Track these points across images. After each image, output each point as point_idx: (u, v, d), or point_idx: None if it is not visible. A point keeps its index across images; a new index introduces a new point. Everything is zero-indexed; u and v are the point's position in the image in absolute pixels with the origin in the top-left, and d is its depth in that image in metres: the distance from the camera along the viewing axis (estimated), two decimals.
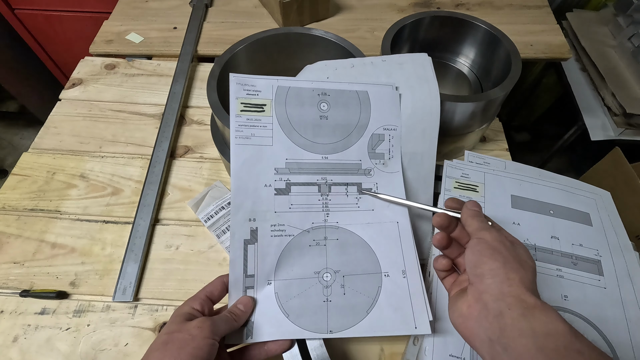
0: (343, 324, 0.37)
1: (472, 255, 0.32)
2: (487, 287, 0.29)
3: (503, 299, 0.28)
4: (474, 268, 0.31)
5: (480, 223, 0.33)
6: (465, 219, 0.35)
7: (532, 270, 0.31)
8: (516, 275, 0.29)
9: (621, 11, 0.98)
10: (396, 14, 0.83)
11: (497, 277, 0.29)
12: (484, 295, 0.29)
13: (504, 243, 0.31)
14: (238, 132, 0.41)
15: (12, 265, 0.49)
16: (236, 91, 0.42)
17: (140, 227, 0.51)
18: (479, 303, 0.29)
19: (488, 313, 0.28)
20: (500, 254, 0.30)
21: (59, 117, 0.64)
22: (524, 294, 0.28)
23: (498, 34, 0.55)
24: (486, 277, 0.30)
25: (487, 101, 0.49)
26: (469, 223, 0.34)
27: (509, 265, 0.30)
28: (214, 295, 0.37)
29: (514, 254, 0.31)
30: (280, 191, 0.41)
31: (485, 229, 0.33)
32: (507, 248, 0.31)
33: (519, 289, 0.28)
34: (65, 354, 0.43)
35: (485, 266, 0.30)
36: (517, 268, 0.29)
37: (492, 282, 0.29)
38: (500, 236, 0.32)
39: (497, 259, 0.30)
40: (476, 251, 0.32)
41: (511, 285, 0.28)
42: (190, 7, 0.82)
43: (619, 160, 0.89)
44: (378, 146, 0.44)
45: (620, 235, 0.46)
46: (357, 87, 0.45)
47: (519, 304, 0.27)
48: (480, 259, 0.31)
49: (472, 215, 0.34)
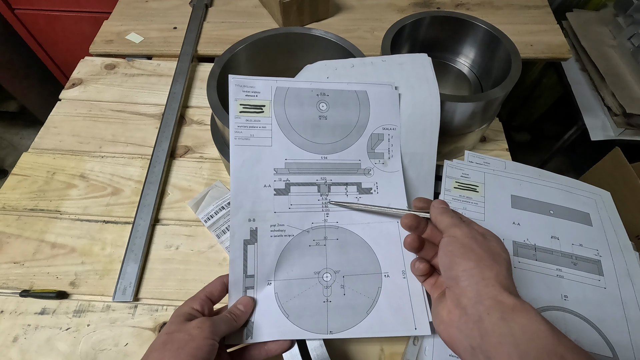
0: (343, 325, 0.37)
1: (445, 257, 0.31)
2: (463, 290, 0.28)
3: (481, 301, 0.27)
4: (449, 270, 0.30)
5: (450, 219, 0.32)
6: (434, 217, 0.34)
7: (507, 263, 0.30)
8: (491, 272, 0.28)
9: (621, 11, 0.98)
10: (396, 14, 0.83)
11: (472, 277, 0.28)
12: (461, 299, 0.28)
13: (475, 238, 0.30)
14: (237, 133, 0.41)
15: (12, 265, 0.49)
16: (235, 92, 0.42)
17: (140, 227, 0.51)
18: (458, 308, 0.28)
19: (468, 319, 0.27)
20: (472, 251, 0.29)
21: (59, 117, 0.64)
22: (501, 293, 0.27)
23: (498, 34, 0.55)
24: (461, 279, 0.29)
25: (487, 101, 0.49)
26: (439, 220, 0.33)
27: (482, 262, 0.29)
28: (213, 295, 0.37)
29: (486, 248, 0.30)
30: (279, 191, 0.41)
31: (455, 225, 0.32)
32: (479, 243, 0.30)
33: (495, 289, 0.27)
34: (65, 354, 0.43)
35: (459, 267, 0.29)
36: (491, 265, 0.28)
37: (468, 285, 0.28)
38: (471, 230, 0.31)
39: (470, 258, 0.29)
40: (448, 252, 0.31)
41: (487, 285, 0.27)
42: (190, 7, 0.82)
43: (619, 160, 0.89)
44: (377, 146, 0.44)
45: (620, 235, 0.46)
46: (356, 87, 0.45)
47: (497, 307, 0.26)
48: (452, 260, 0.30)
49: (440, 212, 0.34)
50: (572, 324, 0.39)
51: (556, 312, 0.40)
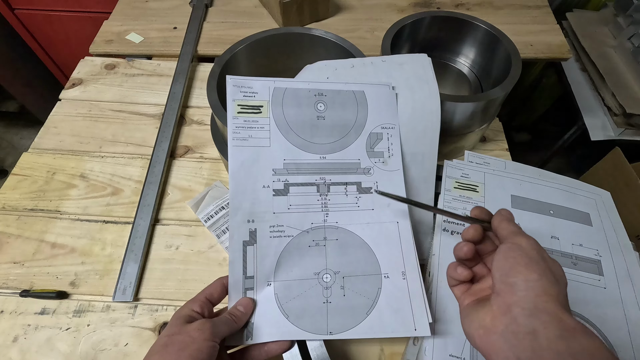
0: (343, 326, 0.37)
1: (505, 262, 0.29)
2: (519, 299, 0.26)
3: (537, 315, 0.25)
4: (505, 276, 0.28)
5: (515, 227, 0.31)
6: (499, 222, 0.32)
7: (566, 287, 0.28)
8: (554, 290, 0.26)
9: (621, 11, 0.98)
10: (396, 14, 0.83)
11: (533, 290, 0.26)
12: (513, 308, 0.26)
13: (541, 253, 0.29)
14: (235, 134, 0.41)
15: (12, 265, 0.49)
16: (233, 93, 0.42)
17: (140, 227, 0.51)
18: (506, 316, 0.26)
19: (518, 329, 0.25)
20: (537, 264, 0.28)
21: (59, 117, 0.64)
22: (563, 313, 0.25)
23: (498, 34, 0.55)
24: (519, 288, 0.27)
25: (487, 101, 0.49)
26: (504, 226, 0.32)
27: (546, 278, 0.27)
28: (213, 297, 0.37)
29: (551, 267, 0.28)
30: (278, 192, 0.41)
31: (521, 234, 0.30)
32: (544, 259, 0.28)
33: (555, 306, 0.25)
34: (65, 354, 0.43)
35: (520, 276, 0.27)
36: (554, 282, 0.27)
37: (526, 295, 0.26)
38: (538, 245, 0.29)
39: (534, 270, 0.27)
40: (510, 257, 0.29)
41: (547, 301, 0.26)
42: (190, 7, 0.82)
43: (619, 160, 0.89)
44: (376, 145, 0.44)
45: (620, 235, 0.46)
46: (354, 87, 0.45)
47: (556, 324, 0.24)
48: (514, 267, 0.28)
49: (505, 219, 0.32)
50: None
51: None
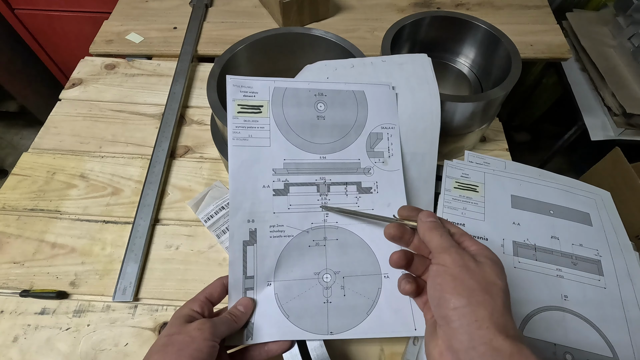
0: (343, 325, 0.37)
1: (434, 291, 0.28)
2: (454, 332, 0.26)
3: (474, 347, 0.25)
4: (438, 308, 0.28)
5: (440, 238, 0.30)
6: (423, 233, 0.31)
7: (503, 293, 0.27)
8: (485, 311, 0.25)
9: (621, 11, 0.98)
10: (396, 14, 0.83)
11: (464, 318, 0.26)
12: (453, 342, 0.26)
13: (466, 266, 0.28)
14: (235, 133, 0.41)
15: (12, 265, 0.49)
16: (233, 93, 0.42)
17: (140, 227, 0.51)
18: (450, 351, 0.26)
19: None
20: (463, 284, 0.27)
21: (59, 117, 0.64)
22: (497, 337, 0.24)
23: (498, 34, 0.55)
24: (452, 320, 0.26)
25: (487, 101, 0.49)
26: (428, 238, 0.31)
27: (475, 298, 0.26)
28: (213, 296, 0.37)
29: (479, 278, 0.27)
30: (278, 192, 0.41)
31: (444, 249, 0.29)
32: (471, 272, 0.27)
33: (489, 332, 0.25)
34: (65, 354, 0.43)
35: (449, 305, 0.27)
36: (484, 301, 0.26)
37: (460, 326, 0.26)
38: (462, 257, 0.28)
39: (461, 293, 0.26)
40: (437, 284, 0.28)
41: (480, 327, 0.25)
42: (190, 7, 0.82)
43: (619, 160, 0.89)
44: (377, 145, 0.44)
45: (620, 235, 0.46)
46: (354, 87, 0.45)
47: (493, 355, 0.24)
48: (442, 296, 0.27)
49: (429, 229, 0.31)
50: (572, 324, 0.39)
51: (556, 312, 0.40)
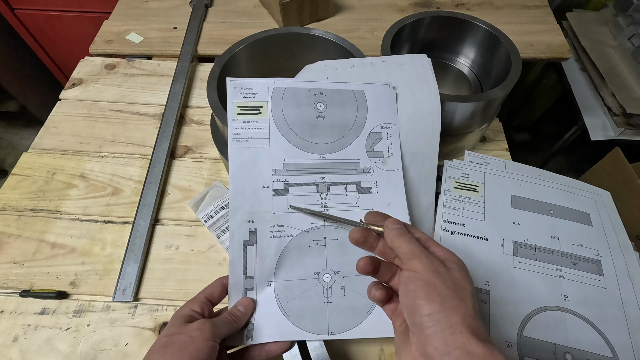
0: (343, 326, 0.37)
1: (407, 298, 0.28)
2: (429, 338, 0.26)
3: (449, 352, 0.25)
4: (411, 315, 0.28)
5: (408, 244, 0.30)
6: (390, 240, 0.31)
7: (472, 296, 0.28)
8: (458, 315, 0.26)
9: (621, 11, 0.98)
10: (396, 14, 0.83)
11: (438, 324, 0.26)
12: (427, 348, 0.26)
13: (437, 272, 0.28)
14: (235, 135, 0.41)
15: (12, 265, 0.49)
16: (233, 95, 0.42)
17: (140, 227, 0.51)
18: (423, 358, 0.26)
19: None
20: (435, 289, 0.27)
21: (59, 117, 0.64)
22: (470, 341, 0.25)
23: (498, 34, 0.55)
24: (426, 327, 0.26)
25: (487, 101, 0.49)
26: (397, 245, 0.31)
27: (447, 303, 0.26)
28: (213, 297, 0.37)
29: (450, 284, 0.27)
30: (278, 192, 0.41)
31: (414, 255, 0.29)
32: (442, 277, 0.28)
33: (463, 336, 0.25)
34: (65, 354, 0.43)
35: (423, 311, 0.27)
36: (457, 305, 0.26)
37: (434, 332, 0.26)
38: (432, 262, 0.29)
39: (433, 299, 0.27)
40: (410, 291, 0.28)
41: (454, 332, 0.25)
42: (190, 7, 0.82)
43: (619, 160, 0.89)
44: (376, 144, 0.44)
45: (620, 235, 0.46)
46: (354, 86, 0.45)
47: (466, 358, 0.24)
48: (415, 303, 0.27)
49: (397, 235, 0.31)
50: (572, 324, 0.39)
51: (556, 312, 0.40)
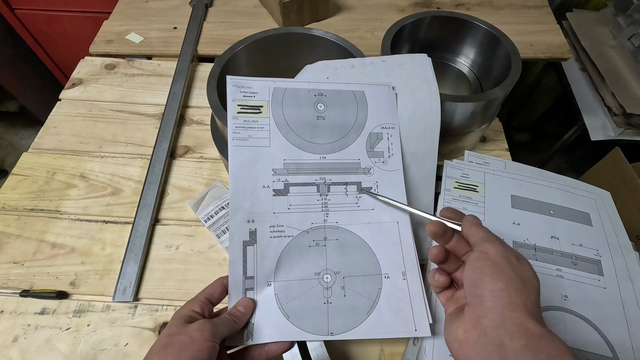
0: (343, 326, 0.37)
1: (472, 273, 0.29)
2: (486, 310, 0.27)
3: (504, 326, 0.25)
4: (473, 287, 0.28)
5: (486, 233, 0.31)
6: (467, 229, 0.32)
7: (536, 291, 0.28)
8: (520, 298, 0.26)
9: (621, 11, 0.98)
10: (396, 14, 0.83)
11: (499, 300, 0.27)
12: (482, 319, 0.27)
13: (508, 259, 0.29)
14: (235, 134, 0.41)
15: (12, 265, 0.49)
16: (233, 93, 0.42)
17: (140, 227, 0.51)
18: (477, 328, 0.27)
19: (487, 341, 0.26)
20: (503, 272, 0.28)
21: (59, 117, 0.64)
22: (528, 321, 0.25)
23: (498, 34, 0.55)
24: (486, 300, 0.27)
25: (487, 101, 0.49)
26: (473, 232, 0.32)
27: (512, 286, 0.27)
28: (213, 297, 0.37)
29: (518, 272, 0.28)
30: (278, 192, 0.41)
31: (489, 240, 0.30)
32: (512, 265, 0.28)
33: (522, 315, 0.26)
34: (65, 354, 0.43)
35: (486, 286, 0.28)
36: (521, 289, 0.27)
37: (493, 306, 0.27)
38: (506, 250, 0.29)
39: (499, 279, 0.27)
40: (477, 267, 0.29)
41: (514, 310, 0.26)
42: (190, 7, 0.82)
43: (619, 160, 0.89)
44: (377, 145, 0.44)
45: (620, 235, 0.46)
46: (354, 87, 0.45)
47: (522, 333, 0.25)
48: (480, 278, 0.28)
49: (475, 225, 0.32)
50: (572, 324, 0.39)
51: (556, 312, 0.40)
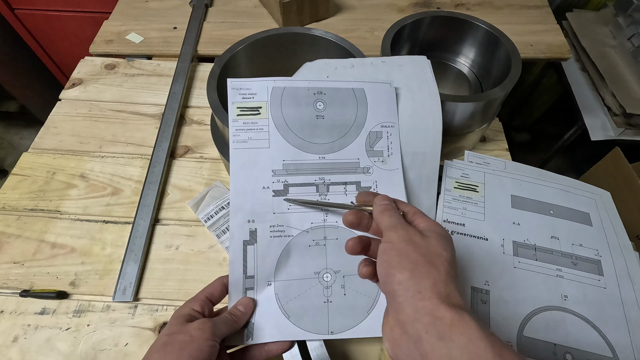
0: (344, 325, 0.37)
1: (381, 268, 0.28)
2: (401, 306, 0.26)
3: (419, 319, 0.25)
4: (384, 284, 0.27)
5: (390, 218, 0.30)
6: (375, 216, 0.31)
7: (448, 264, 0.27)
8: (427, 282, 0.25)
9: (621, 11, 0.98)
10: (396, 14, 0.83)
11: (408, 291, 0.26)
12: (400, 316, 0.26)
13: (411, 240, 0.28)
14: (235, 136, 0.41)
15: (12, 265, 0.49)
16: (232, 96, 0.42)
17: (140, 227, 0.51)
18: (398, 326, 0.26)
19: (408, 338, 0.25)
20: (407, 257, 0.27)
21: (59, 117, 0.64)
22: (439, 307, 0.24)
23: (498, 34, 0.55)
24: (398, 294, 0.26)
25: (487, 101, 0.49)
26: (379, 220, 0.31)
27: (418, 270, 0.26)
28: (214, 296, 0.37)
29: (424, 251, 0.27)
30: (278, 192, 0.41)
31: (392, 227, 0.29)
32: (416, 245, 0.27)
33: (431, 302, 0.25)
34: (65, 354, 0.43)
35: (394, 279, 0.26)
36: (427, 272, 0.26)
37: (404, 299, 0.26)
38: (408, 232, 0.28)
39: (404, 267, 0.26)
40: (383, 262, 0.28)
41: (423, 298, 0.25)
42: (190, 7, 0.82)
43: (619, 160, 0.89)
44: (376, 144, 0.44)
45: (620, 235, 0.46)
46: (354, 84, 0.45)
47: (435, 324, 0.24)
48: (388, 272, 0.27)
49: (381, 211, 0.31)
50: (572, 324, 0.39)
51: (556, 312, 0.40)
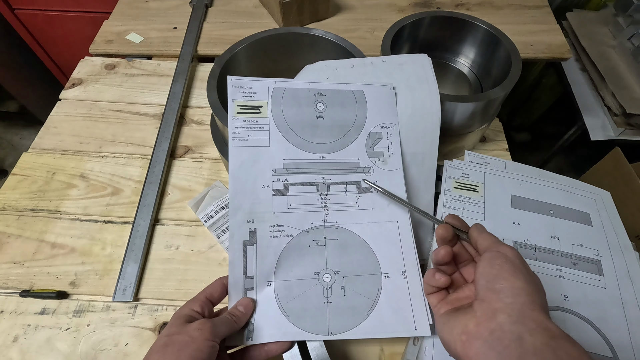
0: (343, 326, 0.37)
1: (490, 269, 0.29)
2: (505, 306, 0.27)
3: (524, 322, 0.26)
4: (491, 282, 0.29)
5: (496, 238, 0.32)
6: (476, 235, 0.33)
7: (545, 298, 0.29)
8: (539, 299, 0.27)
9: (621, 11, 0.98)
10: (396, 14, 0.83)
11: (519, 297, 0.27)
12: (499, 314, 0.27)
13: (524, 263, 0.30)
14: (235, 134, 0.41)
15: (12, 265, 0.49)
16: (233, 94, 0.42)
17: (140, 227, 0.51)
18: (491, 322, 0.27)
19: (503, 335, 0.26)
20: (522, 272, 0.28)
21: (59, 117, 0.64)
22: (548, 321, 0.26)
23: (498, 34, 0.55)
24: (505, 295, 0.27)
25: (487, 101, 0.49)
26: (484, 237, 0.32)
27: (532, 285, 0.28)
28: (213, 296, 0.37)
29: (533, 276, 0.29)
30: (278, 192, 0.41)
31: (503, 244, 0.31)
32: (527, 269, 0.29)
33: (541, 315, 0.26)
34: (65, 354, 0.43)
35: (506, 282, 0.28)
36: (539, 290, 0.28)
37: (513, 302, 0.27)
38: (519, 254, 0.30)
39: (519, 278, 0.28)
40: (495, 264, 0.29)
41: (534, 309, 0.26)
42: (190, 7, 0.82)
43: (619, 160, 0.89)
44: (376, 144, 0.44)
45: (620, 235, 0.46)
46: (353, 87, 0.45)
47: (542, 331, 0.25)
48: (499, 274, 0.29)
49: (483, 231, 0.33)
50: (572, 324, 0.39)
51: (556, 312, 0.40)
